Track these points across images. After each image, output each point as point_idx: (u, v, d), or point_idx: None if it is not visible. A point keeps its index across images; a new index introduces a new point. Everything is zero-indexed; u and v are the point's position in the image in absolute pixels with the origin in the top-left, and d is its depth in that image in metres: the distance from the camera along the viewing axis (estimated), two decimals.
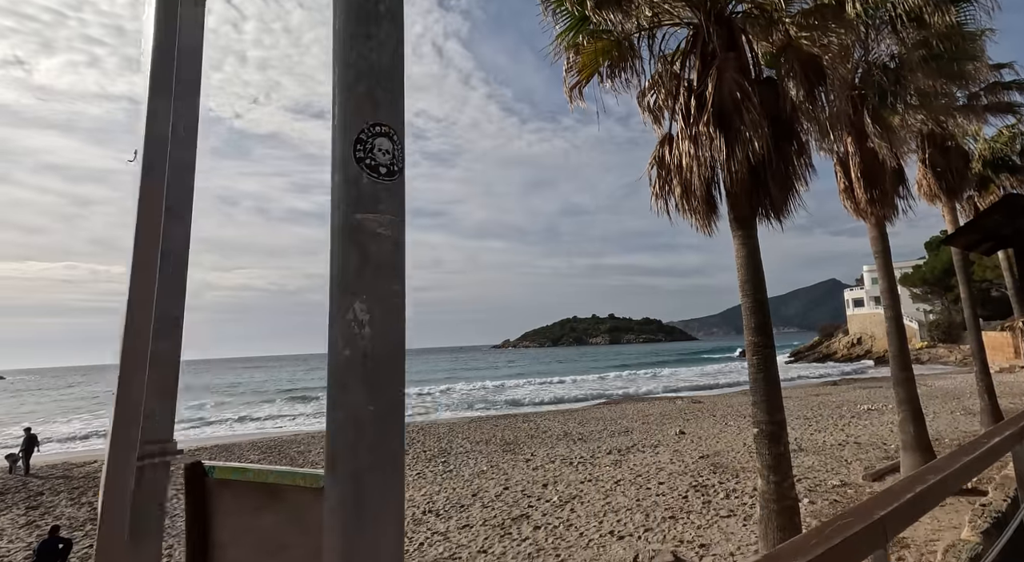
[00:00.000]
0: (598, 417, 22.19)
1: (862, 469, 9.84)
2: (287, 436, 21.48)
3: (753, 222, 4.89)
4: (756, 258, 4.81)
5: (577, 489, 9.99)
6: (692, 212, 5.01)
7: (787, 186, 4.76)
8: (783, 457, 4.74)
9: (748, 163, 4.44)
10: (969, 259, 29.91)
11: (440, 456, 14.97)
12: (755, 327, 4.74)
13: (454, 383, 50.17)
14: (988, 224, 4.12)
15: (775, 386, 4.85)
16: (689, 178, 4.79)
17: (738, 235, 4.89)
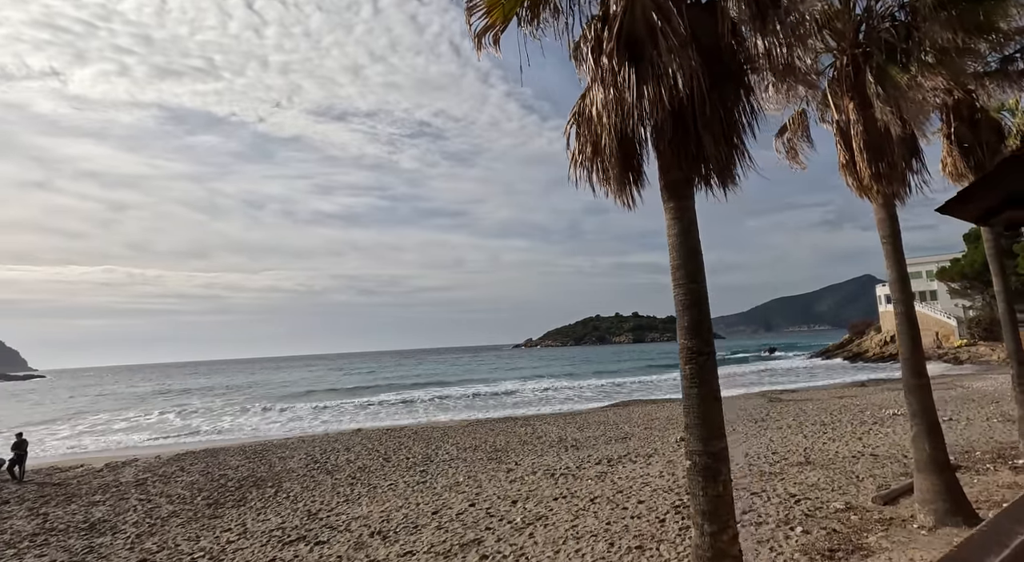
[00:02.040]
0: (600, 421, 21.04)
1: (874, 488, 8.56)
2: (277, 440, 20.99)
3: (687, 190, 3.82)
4: (692, 236, 3.75)
5: (547, 508, 8.98)
6: (604, 175, 3.95)
7: (728, 140, 3.68)
8: (722, 500, 3.66)
9: (670, 108, 3.39)
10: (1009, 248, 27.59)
11: (421, 464, 14.12)
12: (689, 327, 3.68)
13: (467, 384, 49.53)
14: (1009, 182, 2.98)
15: (713, 405, 3.78)
16: (599, 133, 3.76)
17: (669, 207, 3.84)
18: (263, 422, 28.20)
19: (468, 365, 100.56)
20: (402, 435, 20.04)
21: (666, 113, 3.45)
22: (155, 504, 11.37)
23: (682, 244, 3.77)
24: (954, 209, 3.41)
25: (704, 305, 3.72)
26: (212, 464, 15.93)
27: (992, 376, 29.41)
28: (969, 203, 3.32)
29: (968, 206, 3.39)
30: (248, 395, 48.25)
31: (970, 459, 10.00)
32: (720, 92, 3.65)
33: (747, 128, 3.82)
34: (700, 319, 3.68)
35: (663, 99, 3.38)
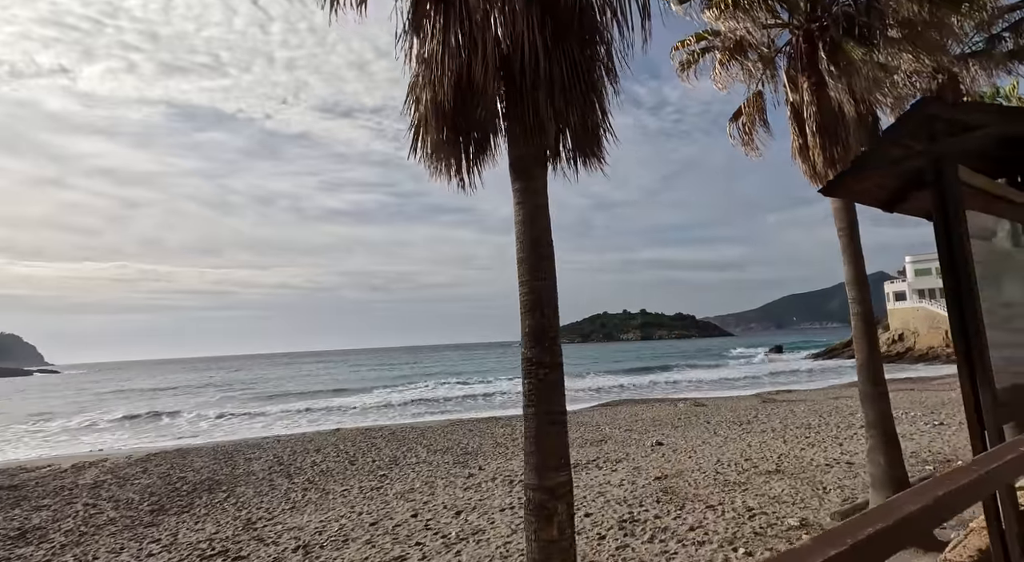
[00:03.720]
0: (585, 422, 20.47)
1: (839, 502, 7.93)
2: (253, 440, 20.66)
3: (534, 168, 3.24)
4: (539, 224, 3.18)
5: (488, 520, 8.46)
6: (429, 148, 3.34)
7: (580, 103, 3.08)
8: (557, 547, 3.09)
9: (495, 66, 2.81)
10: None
11: (385, 468, 13.66)
12: (530, 333, 3.12)
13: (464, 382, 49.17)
14: (893, 154, 2.37)
15: (551, 430, 3.20)
16: (419, 97, 3.18)
17: (516, 188, 3.27)
18: (246, 421, 27.97)
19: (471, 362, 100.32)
20: (378, 436, 19.61)
21: (488, 71, 2.87)
22: (99, 510, 11.01)
23: (525, 233, 3.19)
24: (839, 188, 2.80)
25: (549, 307, 3.14)
26: (177, 465, 15.60)
27: None
28: (851, 180, 2.70)
29: (849, 184, 2.76)
30: (244, 392, 48.24)
31: (949, 468, 9.30)
32: (566, 49, 3.04)
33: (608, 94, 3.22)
34: (544, 324, 3.11)
35: (483, 53, 2.80)
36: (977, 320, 2.16)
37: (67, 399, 49.84)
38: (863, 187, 2.72)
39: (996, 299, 2.42)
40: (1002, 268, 2.53)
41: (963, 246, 2.20)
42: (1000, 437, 2.12)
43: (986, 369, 2.14)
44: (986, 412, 2.10)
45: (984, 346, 2.16)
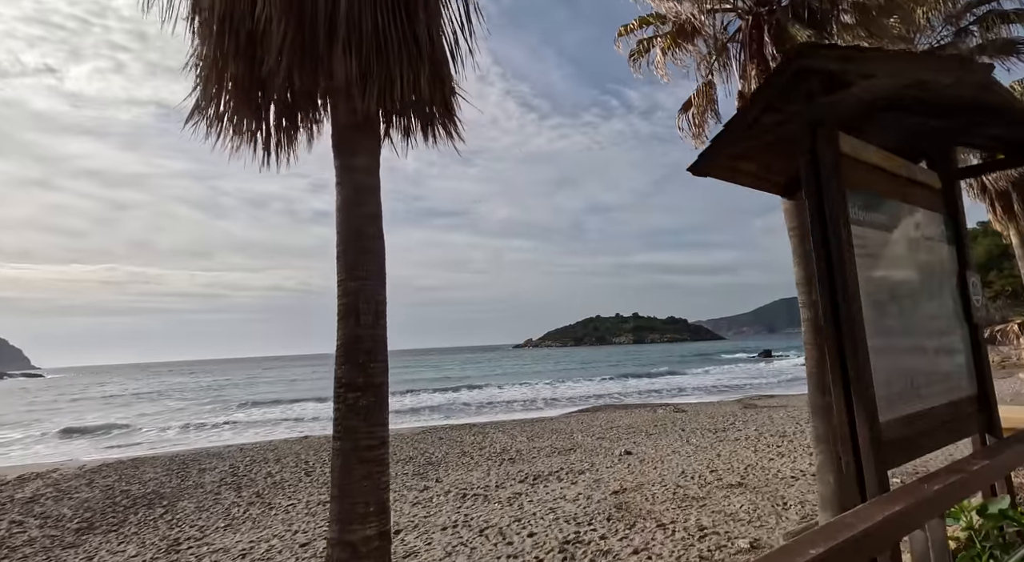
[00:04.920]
0: (558, 429, 19.95)
1: (797, 519, 7.44)
2: (216, 449, 19.94)
3: (356, 141, 2.71)
4: (362, 210, 2.65)
5: (426, 541, 7.91)
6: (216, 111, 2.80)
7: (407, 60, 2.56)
8: None
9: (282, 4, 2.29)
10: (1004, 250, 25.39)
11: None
12: (344, 345, 2.58)
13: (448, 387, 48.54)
14: (765, 122, 1.87)
15: (363, 469, 2.65)
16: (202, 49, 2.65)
17: (336, 165, 2.74)
18: (216, 428, 27.20)
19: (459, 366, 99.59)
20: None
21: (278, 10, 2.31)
22: (23, 528, 10.32)
23: (343, 221, 2.67)
24: (718, 168, 2.29)
25: (369, 314, 2.61)
26: (126, 477, 14.89)
27: None
28: (738, 159, 2.20)
29: (742, 165, 2.26)
30: (224, 397, 47.30)
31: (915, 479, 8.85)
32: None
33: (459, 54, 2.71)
34: (359, 335, 2.58)
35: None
36: (856, 332, 1.65)
37: (39, 405, 48.63)
38: (747, 167, 2.22)
39: (886, 306, 1.91)
40: (897, 266, 2.03)
41: (840, 235, 1.70)
42: (883, 484, 1.60)
43: (867, 396, 1.63)
44: (864, 454, 1.59)
45: (864, 366, 1.65)
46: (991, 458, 2.21)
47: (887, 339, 1.86)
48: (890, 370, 1.82)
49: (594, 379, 51.54)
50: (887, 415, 1.73)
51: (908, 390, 1.89)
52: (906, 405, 1.86)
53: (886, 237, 1.99)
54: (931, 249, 2.27)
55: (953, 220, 2.46)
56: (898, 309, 1.97)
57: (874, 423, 1.60)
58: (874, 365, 1.73)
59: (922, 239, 2.20)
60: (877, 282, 1.88)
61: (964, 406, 2.24)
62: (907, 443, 1.80)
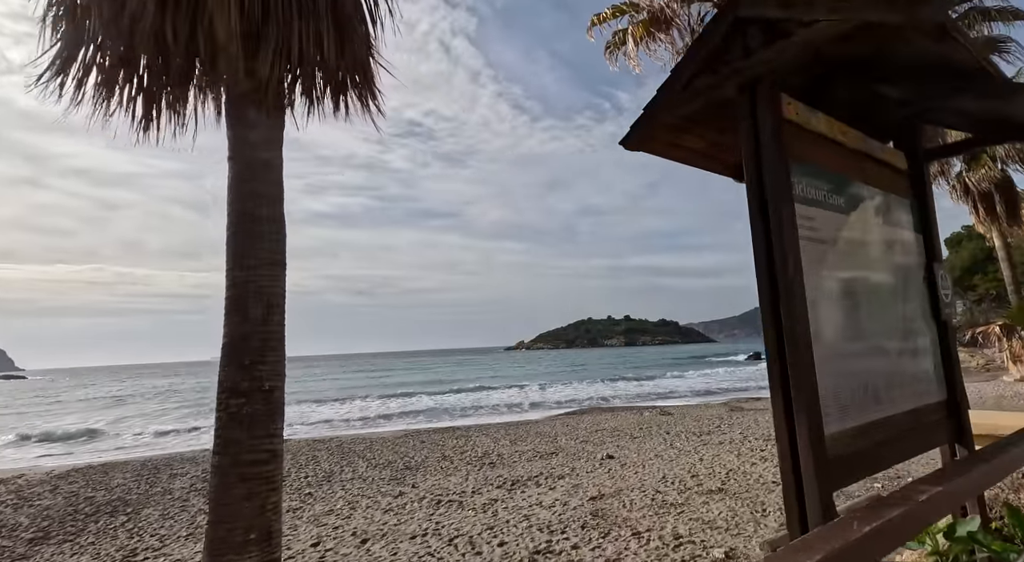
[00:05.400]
0: (543, 432, 19.67)
1: (775, 526, 7.22)
2: (190, 453, 19.45)
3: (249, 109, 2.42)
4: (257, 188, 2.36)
5: (391, 551, 7.59)
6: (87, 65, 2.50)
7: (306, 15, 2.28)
8: None
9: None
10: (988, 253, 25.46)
11: (314, 485, 12.69)
12: (229, 344, 2.28)
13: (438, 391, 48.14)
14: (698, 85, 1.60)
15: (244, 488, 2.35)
16: None
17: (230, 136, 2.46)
18: (195, 432, 26.63)
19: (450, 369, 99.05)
20: (323, 448, 18.58)
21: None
22: None
23: (234, 200, 2.37)
24: (654, 143, 2.04)
25: (259, 308, 2.32)
26: (93, 482, 14.41)
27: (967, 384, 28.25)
28: (674, 132, 1.94)
29: (679, 140, 2.01)
30: (206, 399, 46.52)
31: (898, 486, 8.66)
32: None
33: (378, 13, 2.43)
34: (246, 332, 2.29)
35: None
36: (798, 330, 1.39)
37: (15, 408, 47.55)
38: (692, 144, 1.96)
39: (839, 300, 1.66)
40: (854, 254, 1.77)
41: (781, 213, 1.43)
42: (827, 511, 1.34)
43: (809, 406, 1.36)
44: (806, 473, 1.32)
45: (807, 369, 1.39)
46: (962, 475, 1.94)
47: (840, 337, 1.60)
48: (842, 374, 1.57)
49: (583, 381, 51.37)
50: (836, 426, 1.47)
51: (864, 397, 1.63)
52: (862, 414, 1.61)
53: (841, 220, 1.74)
54: (895, 237, 2.02)
55: (921, 206, 2.23)
56: (854, 303, 1.72)
57: (817, 437, 1.34)
58: (823, 368, 1.48)
59: (884, 225, 1.96)
60: (829, 271, 1.62)
61: (931, 413, 2.00)
62: (861, 457, 1.55)
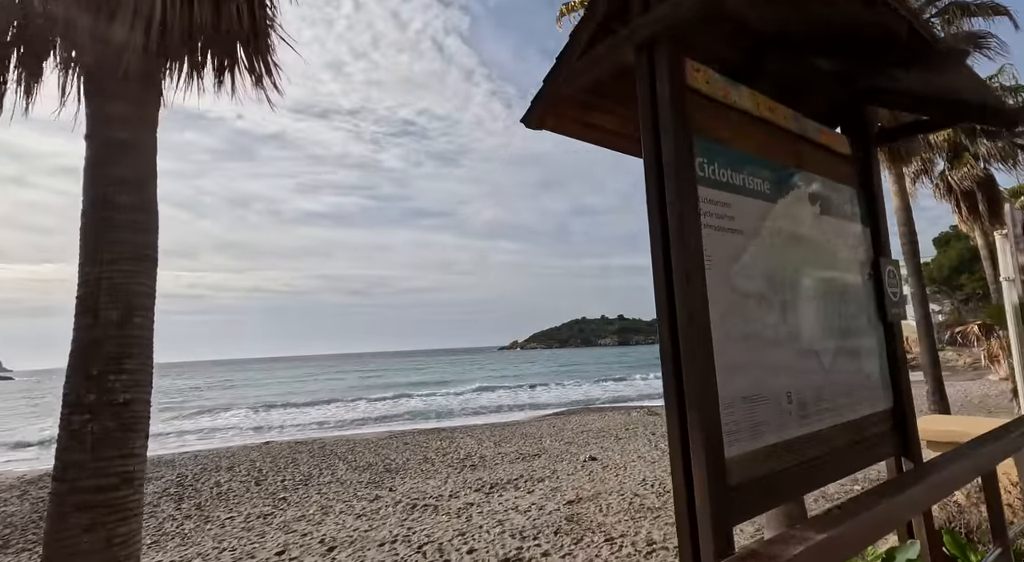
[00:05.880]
0: (528, 433, 19.49)
1: (751, 531, 7.03)
2: (168, 456, 19.08)
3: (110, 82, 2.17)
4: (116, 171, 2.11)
5: (357, 559, 7.36)
6: None
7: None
8: None
9: None
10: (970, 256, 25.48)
11: (291, 489, 12.41)
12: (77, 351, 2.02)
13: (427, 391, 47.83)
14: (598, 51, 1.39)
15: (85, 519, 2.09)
16: None
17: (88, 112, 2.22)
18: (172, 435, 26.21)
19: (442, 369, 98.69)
20: (304, 450, 18.28)
21: None
22: None
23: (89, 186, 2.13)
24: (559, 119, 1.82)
25: (113, 308, 2.06)
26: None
27: (953, 382, 28.36)
28: (582, 109, 1.73)
29: (587, 117, 1.80)
30: (192, 401, 45.95)
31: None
32: None
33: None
34: (97, 338, 2.03)
35: None
36: (695, 331, 1.18)
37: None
38: (602, 122, 1.75)
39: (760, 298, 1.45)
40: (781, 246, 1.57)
41: (682, 196, 1.23)
42: (722, 550, 1.13)
43: (707, 422, 1.16)
44: (700, 503, 1.11)
45: (706, 379, 1.18)
46: (906, 490, 1.74)
47: (758, 342, 1.40)
48: (759, 384, 1.37)
49: (574, 381, 51.23)
50: (747, 446, 1.27)
51: (787, 409, 1.43)
52: (783, 429, 1.41)
53: (766, 208, 1.54)
54: (836, 229, 1.83)
55: (868, 196, 2.04)
56: (780, 302, 1.52)
57: (714, 460, 1.13)
58: (731, 378, 1.28)
59: (823, 216, 1.76)
60: (748, 265, 1.42)
61: (874, 424, 1.80)
62: (779, 480, 1.35)
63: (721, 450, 1.17)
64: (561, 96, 1.55)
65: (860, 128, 2.05)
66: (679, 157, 1.24)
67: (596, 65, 1.43)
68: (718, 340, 1.27)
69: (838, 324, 1.74)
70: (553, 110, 1.63)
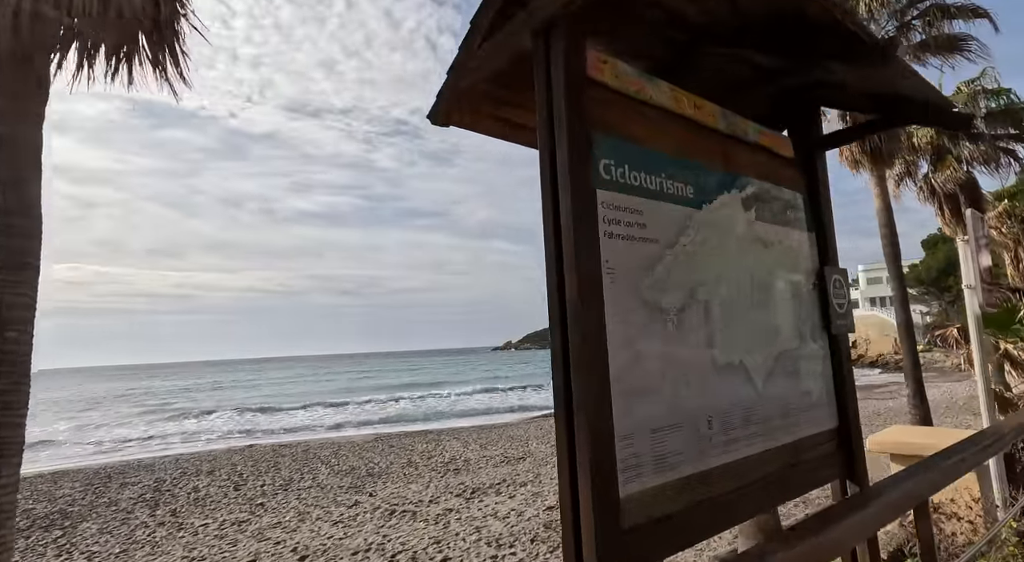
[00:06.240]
0: (515, 436, 19.34)
1: (730, 538, 6.94)
2: (149, 460, 18.76)
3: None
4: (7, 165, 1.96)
5: None
6: None
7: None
8: None
9: None
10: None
11: (269, 494, 12.19)
12: None
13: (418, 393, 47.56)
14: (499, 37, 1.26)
15: None
16: None
17: None
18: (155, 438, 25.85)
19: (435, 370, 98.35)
20: (287, 454, 18.04)
21: None
22: None
23: None
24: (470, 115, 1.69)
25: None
26: (37, 493, 13.73)
27: (938, 383, 28.53)
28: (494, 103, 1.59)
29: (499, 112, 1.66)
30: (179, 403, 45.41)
31: None
32: None
33: None
34: None
35: None
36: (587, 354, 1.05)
37: None
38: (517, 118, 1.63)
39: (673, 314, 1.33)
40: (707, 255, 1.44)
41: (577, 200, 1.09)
42: None
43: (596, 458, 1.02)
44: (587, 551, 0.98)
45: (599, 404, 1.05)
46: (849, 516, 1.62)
47: (672, 361, 1.27)
48: (671, 408, 1.24)
49: None
50: (648, 482, 1.14)
51: (703, 436, 1.31)
52: (700, 459, 1.28)
53: (687, 215, 1.41)
54: (774, 237, 1.71)
55: (814, 201, 1.92)
56: (703, 316, 1.39)
57: (605, 500, 1.00)
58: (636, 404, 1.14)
59: (759, 222, 1.64)
60: (662, 278, 1.30)
61: (815, 446, 1.68)
62: (692, 517, 1.22)
63: (615, 488, 1.03)
64: (462, 89, 1.41)
65: (805, 130, 1.93)
66: (574, 156, 1.11)
67: (496, 53, 1.30)
68: (622, 362, 1.14)
69: (776, 338, 1.61)
70: (459, 105, 1.49)
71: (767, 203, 1.68)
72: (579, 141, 1.11)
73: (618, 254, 1.19)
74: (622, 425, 1.09)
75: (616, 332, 1.13)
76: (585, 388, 1.04)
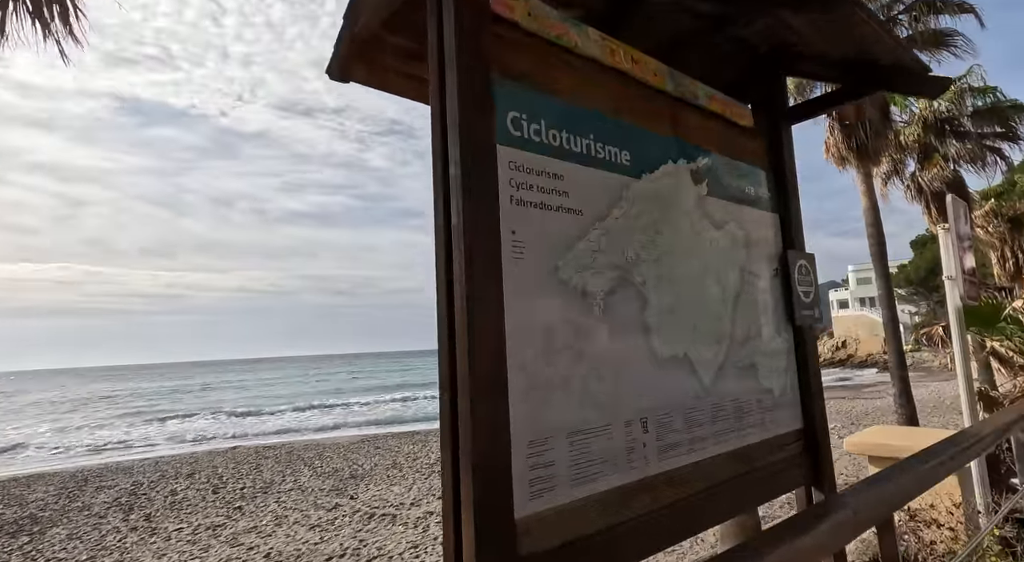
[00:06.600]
0: None
1: (712, 542, 6.79)
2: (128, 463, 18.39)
3: None
4: None
5: None
6: None
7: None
8: None
9: None
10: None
11: (249, 497, 11.92)
12: None
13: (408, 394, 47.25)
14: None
15: None
16: None
17: None
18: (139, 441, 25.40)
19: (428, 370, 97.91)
20: (270, 455, 17.75)
21: None
22: None
23: None
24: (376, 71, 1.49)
25: None
26: (8, 497, 13.39)
27: (925, 383, 28.66)
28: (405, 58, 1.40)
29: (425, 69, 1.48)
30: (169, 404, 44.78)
31: None
32: None
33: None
34: None
35: None
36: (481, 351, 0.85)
37: None
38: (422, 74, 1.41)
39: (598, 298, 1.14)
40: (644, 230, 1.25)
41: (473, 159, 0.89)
42: None
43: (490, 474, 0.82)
44: None
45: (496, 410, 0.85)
46: (812, 529, 1.45)
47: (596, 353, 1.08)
48: (595, 409, 1.05)
49: None
50: (560, 498, 0.95)
51: (636, 441, 1.12)
52: (631, 468, 1.09)
53: (622, 184, 1.22)
54: (731, 215, 1.52)
55: (779, 178, 1.74)
56: (638, 301, 1.21)
57: (497, 523, 0.81)
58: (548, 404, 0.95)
59: (711, 198, 1.45)
60: (585, 256, 1.11)
61: (776, 449, 1.50)
62: (617, 538, 1.03)
63: (510, 508, 0.84)
64: (361, 37, 1.21)
65: (769, 100, 1.75)
66: (468, 101, 0.91)
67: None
68: (530, 354, 0.95)
69: (728, 330, 1.43)
70: (360, 56, 1.29)
71: (722, 177, 1.49)
72: (475, 84, 0.92)
73: (529, 225, 1.00)
74: (527, 429, 0.90)
75: (520, 317, 0.94)
76: (473, 385, 0.85)
